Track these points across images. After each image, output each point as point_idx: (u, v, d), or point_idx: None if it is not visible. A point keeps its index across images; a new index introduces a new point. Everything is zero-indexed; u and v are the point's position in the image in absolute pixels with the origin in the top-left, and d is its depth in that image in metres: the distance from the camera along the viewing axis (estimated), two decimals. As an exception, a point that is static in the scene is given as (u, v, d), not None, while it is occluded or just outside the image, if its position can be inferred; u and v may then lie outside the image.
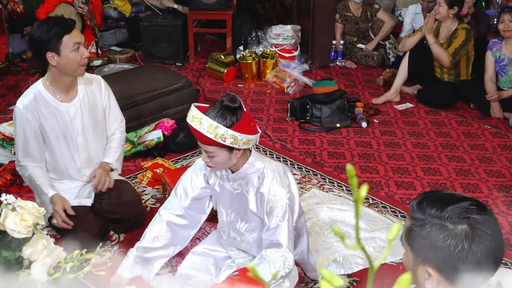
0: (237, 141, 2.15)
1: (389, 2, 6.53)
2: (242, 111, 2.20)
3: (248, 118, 2.22)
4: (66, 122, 2.85)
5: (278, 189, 2.30)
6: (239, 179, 2.37)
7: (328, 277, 0.69)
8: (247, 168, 2.33)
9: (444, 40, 4.76)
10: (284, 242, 2.28)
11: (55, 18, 2.80)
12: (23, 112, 2.75)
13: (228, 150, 2.21)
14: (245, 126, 2.17)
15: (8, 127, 4.04)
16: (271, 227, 2.30)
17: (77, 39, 2.72)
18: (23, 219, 1.69)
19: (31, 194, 3.35)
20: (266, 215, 2.32)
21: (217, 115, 2.15)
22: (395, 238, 0.73)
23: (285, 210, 2.29)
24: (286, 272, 2.28)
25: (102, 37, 5.86)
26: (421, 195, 1.39)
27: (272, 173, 2.31)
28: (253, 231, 2.45)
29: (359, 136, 4.28)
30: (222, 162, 2.26)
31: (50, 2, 5.66)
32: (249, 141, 2.19)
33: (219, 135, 2.13)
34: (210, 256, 2.62)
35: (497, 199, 3.47)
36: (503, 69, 4.57)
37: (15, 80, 5.21)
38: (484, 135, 4.30)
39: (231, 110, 2.16)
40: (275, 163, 2.42)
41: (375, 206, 3.36)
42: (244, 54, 5.29)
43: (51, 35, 2.66)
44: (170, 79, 4.39)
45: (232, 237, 2.52)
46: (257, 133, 2.24)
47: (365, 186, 0.71)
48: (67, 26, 2.70)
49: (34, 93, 2.79)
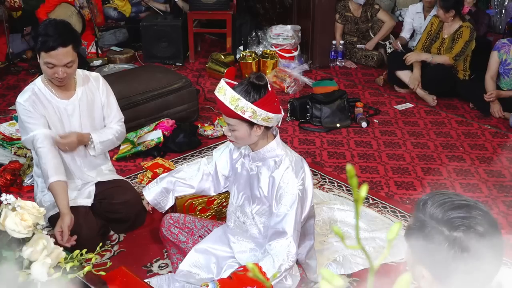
0: (255, 115, 2.22)
1: (389, 2, 6.53)
2: (267, 90, 2.26)
3: (272, 97, 2.28)
4: (64, 119, 2.86)
5: (291, 178, 2.32)
6: (257, 160, 2.41)
7: (328, 277, 0.69)
8: (267, 150, 2.38)
9: (447, 36, 4.80)
10: (290, 231, 2.29)
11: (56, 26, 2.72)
12: (24, 105, 2.77)
13: (248, 126, 2.27)
14: (267, 103, 2.24)
15: (8, 127, 4.03)
16: (279, 214, 2.32)
17: (52, 60, 2.68)
18: (23, 219, 1.69)
19: (31, 194, 3.35)
20: (275, 202, 2.34)
21: (242, 90, 2.23)
22: (395, 238, 0.73)
23: (294, 200, 2.30)
24: (290, 265, 2.29)
25: (102, 37, 5.86)
26: (428, 195, 1.36)
27: (290, 162, 2.35)
28: (262, 215, 2.45)
29: (359, 136, 4.28)
30: (242, 137, 2.32)
31: (50, 2, 5.65)
32: (269, 119, 2.25)
33: (239, 107, 2.20)
34: (212, 254, 2.62)
35: (497, 199, 3.47)
36: (507, 72, 4.57)
37: (15, 80, 5.21)
38: (484, 135, 4.30)
39: (255, 87, 2.23)
40: (296, 155, 2.44)
41: (375, 206, 3.36)
42: (244, 54, 5.30)
43: (37, 41, 2.69)
44: (170, 79, 4.39)
45: (242, 221, 2.53)
46: (279, 113, 2.29)
47: (365, 186, 0.71)
48: (50, 45, 2.65)
49: (32, 89, 2.82)
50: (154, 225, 3.10)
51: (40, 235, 1.75)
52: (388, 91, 5.07)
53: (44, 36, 2.66)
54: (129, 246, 3.00)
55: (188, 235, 2.70)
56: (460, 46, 4.72)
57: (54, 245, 1.78)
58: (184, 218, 2.73)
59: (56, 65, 2.69)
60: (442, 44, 4.85)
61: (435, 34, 4.89)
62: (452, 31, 4.78)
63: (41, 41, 2.66)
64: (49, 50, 2.66)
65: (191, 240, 2.68)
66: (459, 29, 4.74)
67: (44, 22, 2.78)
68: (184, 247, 2.68)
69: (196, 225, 2.73)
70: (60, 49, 2.66)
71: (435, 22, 4.91)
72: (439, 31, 4.87)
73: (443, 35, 4.83)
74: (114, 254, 2.94)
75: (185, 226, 2.71)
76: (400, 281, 0.73)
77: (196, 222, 2.74)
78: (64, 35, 2.69)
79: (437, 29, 4.88)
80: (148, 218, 3.13)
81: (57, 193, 2.71)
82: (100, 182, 3.01)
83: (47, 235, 1.80)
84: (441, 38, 4.84)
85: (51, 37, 2.65)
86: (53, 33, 2.66)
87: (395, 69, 4.99)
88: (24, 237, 1.70)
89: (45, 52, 2.67)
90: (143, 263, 2.87)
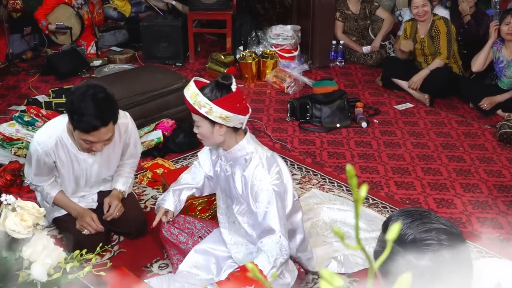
0: (211, 112, 2.28)
1: (389, 2, 6.53)
2: (231, 90, 2.32)
3: (235, 97, 2.32)
4: (82, 168, 2.82)
5: (263, 175, 2.35)
6: (230, 160, 2.46)
7: (328, 277, 0.69)
8: (238, 150, 2.42)
9: (424, 35, 4.87)
10: (277, 227, 2.32)
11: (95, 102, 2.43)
12: (40, 153, 2.67)
13: (210, 123, 2.34)
14: (227, 103, 2.30)
15: (8, 127, 4.03)
16: (260, 213, 2.35)
17: (92, 138, 2.50)
18: (23, 220, 1.69)
19: (31, 194, 3.35)
20: (252, 200, 2.37)
21: (208, 88, 2.32)
22: (395, 238, 0.73)
23: (271, 196, 2.33)
24: (285, 258, 2.32)
25: (102, 38, 5.86)
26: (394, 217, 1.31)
27: (260, 159, 2.38)
28: (244, 214, 2.48)
29: (359, 136, 4.28)
30: (206, 135, 2.40)
31: (48, 4, 5.64)
32: (226, 117, 2.30)
33: (197, 102, 2.30)
34: (212, 255, 2.63)
35: (497, 199, 3.47)
36: (501, 70, 4.58)
37: (15, 80, 5.21)
38: (484, 135, 4.30)
39: (219, 86, 2.31)
40: (267, 150, 2.46)
41: (375, 206, 3.36)
42: (244, 54, 5.29)
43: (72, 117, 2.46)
44: (170, 79, 4.39)
45: (232, 221, 2.56)
46: (240, 114, 2.32)
47: (365, 186, 0.71)
48: (88, 128, 2.44)
49: (56, 138, 2.67)
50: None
51: (40, 236, 1.75)
52: (388, 91, 5.07)
53: (81, 116, 2.42)
54: (129, 246, 3.00)
55: (188, 236, 2.70)
56: (444, 41, 4.78)
57: (54, 245, 1.78)
58: (184, 219, 2.73)
59: (95, 142, 2.53)
60: (423, 45, 4.89)
61: (412, 38, 4.95)
62: (427, 29, 4.85)
63: (77, 120, 2.43)
64: (89, 132, 2.47)
65: (191, 240, 2.69)
66: (432, 25, 4.82)
67: (78, 92, 2.47)
68: (184, 247, 2.68)
69: (196, 225, 2.73)
70: (102, 129, 2.47)
71: (408, 26, 5.00)
72: (415, 34, 4.93)
73: (420, 35, 4.90)
74: (114, 254, 2.94)
75: (185, 227, 2.71)
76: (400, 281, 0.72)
77: (196, 223, 2.74)
78: (104, 113, 2.46)
79: (412, 32, 4.95)
80: (148, 219, 3.13)
81: (66, 202, 2.85)
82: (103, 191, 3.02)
83: (47, 236, 1.80)
84: (419, 39, 4.90)
85: (89, 117, 2.42)
86: (91, 112, 2.41)
87: (391, 76, 5.03)
88: (24, 237, 1.70)
89: (83, 132, 2.48)
90: (143, 264, 2.87)
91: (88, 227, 2.79)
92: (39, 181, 2.82)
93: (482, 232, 3.14)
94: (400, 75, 4.96)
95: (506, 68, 4.54)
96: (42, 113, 4.10)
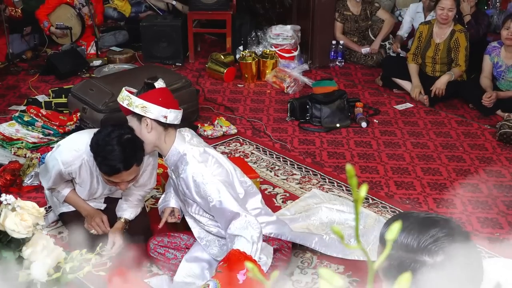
0: (131, 103, 2.43)
1: (389, 2, 6.53)
2: (154, 87, 2.45)
3: (158, 92, 2.45)
4: (100, 186, 2.83)
5: (202, 170, 2.43)
6: (171, 165, 2.55)
7: (328, 277, 0.70)
8: (172, 154, 2.51)
9: (441, 42, 4.77)
10: (237, 209, 2.39)
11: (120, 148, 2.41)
12: (63, 172, 2.66)
13: (137, 119, 2.44)
14: (149, 95, 2.42)
15: (8, 127, 4.04)
16: (216, 205, 2.41)
17: (115, 179, 2.51)
18: (23, 219, 1.69)
19: (31, 194, 3.35)
20: (202, 198, 2.45)
21: (138, 88, 2.50)
22: (395, 238, 0.73)
23: (219, 186, 2.41)
24: (258, 231, 2.38)
25: (102, 38, 5.86)
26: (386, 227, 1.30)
27: (193, 157, 2.46)
28: (202, 214, 2.57)
29: (359, 136, 4.28)
30: (137, 133, 2.47)
31: (50, 3, 5.64)
32: (145, 107, 2.40)
33: (120, 97, 2.49)
34: (203, 260, 2.67)
35: (497, 199, 3.47)
36: (500, 74, 4.58)
37: (15, 80, 5.21)
38: (484, 135, 4.30)
39: (146, 85, 2.48)
40: (199, 145, 2.54)
41: (375, 206, 3.36)
42: (244, 54, 5.29)
43: (96, 160, 2.48)
44: (170, 79, 4.38)
45: (197, 222, 2.64)
46: (160, 105, 2.41)
47: (364, 186, 0.71)
48: (111, 172, 2.46)
49: (82, 161, 2.66)
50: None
51: (40, 235, 1.75)
52: (388, 91, 5.07)
53: (104, 159, 2.43)
54: (129, 246, 3.00)
55: (175, 251, 2.77)
56: (463, 55, 4.70)
57: (54, 245, 1.78)
58: (169, 236, 2.79)
59: (118, 182, 2.54)
60: (437, 52, 4.80)
61: (426, 41, 4.87)
62: (445, 36, 4.76)
63: (100, 162, 2.46)
64: (112, 175, 2.49)
65: (180, 253, 2.75)
66: (453, 36, 4.73)
67: (104, 133, 2.46)
68: (174, 262, 2.74)
69: (182, 238, 2.80)
70: (124, 172, 2.47)
71: (424, 30, 4.89)
72: (429, 38, 4.85)
73: (435, 40, 4.81)
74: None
75: (171, 243, 2.78)
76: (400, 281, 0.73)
77: (181, 236, 2.80)
78: (128, 157, 2.44)
79: (428, 35, 4.86)
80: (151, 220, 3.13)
81: (77, 202, 2.87)
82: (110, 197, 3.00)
83: (47, 235, 1.81)
84: (434, 44, 4.81)
85: (112, 161, 2.42)
86: (114, 156, 2.41)
87: (391, 75, 5.01)
88: (24, 237, 1.70)
89: (105, 174, 2.51)
90: (143, 263, 2.87)
91: (96, 228, 2.80)
92: (54, 186, 2.83)
93: (482, 232, 3.15)
94: (400, 74, 4.95)
95: (506, 73, 4.53)
96: (42, 113, 4.10)
